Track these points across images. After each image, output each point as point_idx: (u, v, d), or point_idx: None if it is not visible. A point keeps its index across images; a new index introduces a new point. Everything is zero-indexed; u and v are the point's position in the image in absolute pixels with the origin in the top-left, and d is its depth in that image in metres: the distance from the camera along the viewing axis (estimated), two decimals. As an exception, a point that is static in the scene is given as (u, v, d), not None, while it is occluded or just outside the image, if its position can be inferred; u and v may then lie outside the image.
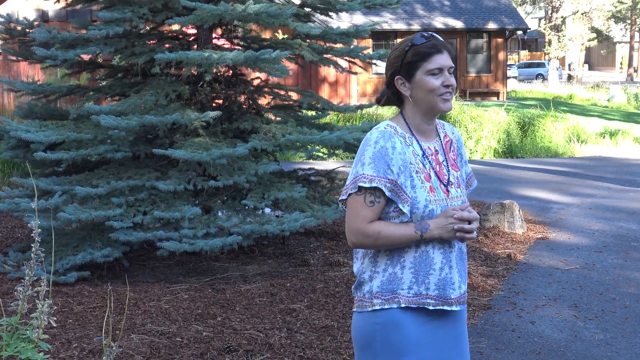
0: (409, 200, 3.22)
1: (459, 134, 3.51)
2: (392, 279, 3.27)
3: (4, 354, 3.19)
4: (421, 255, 3.25)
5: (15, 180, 8.34)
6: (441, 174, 3.31)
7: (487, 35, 38.93)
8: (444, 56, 3.26)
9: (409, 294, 3.25)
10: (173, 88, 8.26)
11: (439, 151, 3.36)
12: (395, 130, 3.29)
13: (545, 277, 8.31)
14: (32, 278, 3.34)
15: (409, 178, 3.23)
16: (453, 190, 3.32)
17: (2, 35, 9.07)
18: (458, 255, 3.32)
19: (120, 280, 7.61)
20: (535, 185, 14.66)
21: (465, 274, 3.37)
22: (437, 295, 3.26)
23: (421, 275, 3.25)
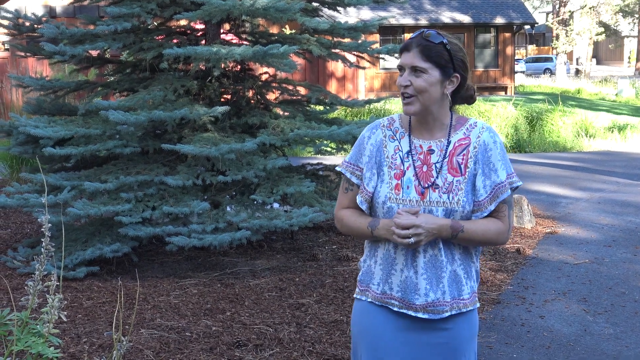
0: (365, 193, 3.23)
1: (490, 140, 3.22)
2: (368, 272, 3.30)
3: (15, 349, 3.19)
4: (386, 254, 3.22)
5: (24, 176, 8.35)
6: (424, 174, 3.18)
7: (494, 30, 38.86)
8: (409, 54, 3.14)
9: (377, 291, 3.25)
10: (181, 83, 8.26)
11: (434, 151, 3.20)
12: (389, 123, 3.29)
13: (555, 272, 8.29)
14: (42, 273, 3.34)
15: (378, 171, 3.22)
16: (435, 195, 3.15)
17: (11, 31, 9.08)
18: (430, 262, 3.15)
19: (129, 276, 7.62)
20: (544, 180, 14.63)
21: (442, 284, 3.16)
22: (400, 298, 3.20)
23: (385, 273, 3.23)
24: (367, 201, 3.24)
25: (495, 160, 3.20)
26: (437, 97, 3.14)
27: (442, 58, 3.11)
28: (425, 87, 3.11)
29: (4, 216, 10.34)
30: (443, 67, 3.12)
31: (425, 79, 3.11)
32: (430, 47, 3.11)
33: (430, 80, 3.11)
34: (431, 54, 3.11)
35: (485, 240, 3.18)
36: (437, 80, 3.12)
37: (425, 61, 3.11)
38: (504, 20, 38.11)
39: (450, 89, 3.18)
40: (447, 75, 3.14)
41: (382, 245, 3.23)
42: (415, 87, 3.11)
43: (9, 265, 7.81)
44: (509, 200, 3.23)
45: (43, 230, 3.36)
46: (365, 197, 3.24)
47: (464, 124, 3.25)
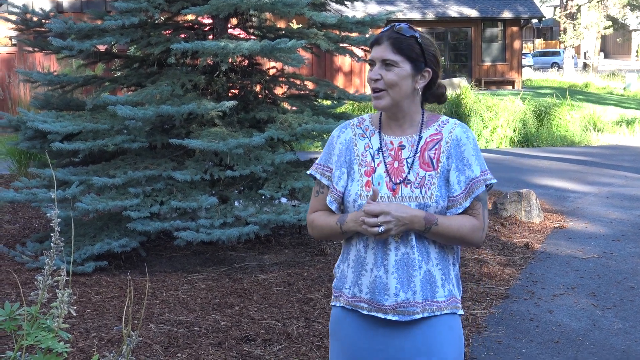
0: (334, 193, 3.15)
1: (463, 135, 3.12)
2: (342, 277, 3.20)
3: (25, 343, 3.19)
4: (357, 255, 3.11)
5: (32, 171, 8.36)
6: (395, 170, 3.08)
7: (502, 24, 38.77)
8: (379, 48, 3.05)
9: (348, 295, 3.14)
10: (189, 78, 8.26)
11: (405, 147, 3.11)
12: (359, 122, 3.22)
13: (563, 266, 8.28)
14: (51, 267, 3.34)
15: (349, 170, 3.15)
16: (407, 190, 3.04)
17: (18, 26, 9.08)
18: (402, 261, 3.02)
19: (137, 270, 7.63)
20: (552, 174, 14.61)
21: (413, 283, 3.02)
22: (369, 299, 3.06)
23: (356, 275, 3.11)
24: (337, 201, 3.16)
25: (469, 155, 3.09)
26: (408, 91, 3.06)
27: (414, 51, 3.03)
28: (396, 80, 3.03)
29: (13, 211, 10.35)
30: (414, 61, 3.04)
31: (396, 72, 3.02)
32: (401, 39, 3.04)
33: (401, 74, 3.03)
34: (402, 47, 3.03)
35: (460, 237, 3.04)
36: (408, 74, 3.04)
37: (396, 54, 3.03)
38: (512, 14, 38.02)
39: (422, 84, 3.09)
40: (419, 69, 3.05)
41: (353, 246, 3.13)
42: (386, 81, 3.03)
43: (18, 260, 7.83)
44: (484, 197, 3.12)
45: (52, 224, 3.36)
46: (334, 196, 3.16)
47: (435, 121, 3.16)
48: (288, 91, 9.51)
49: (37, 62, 19.49)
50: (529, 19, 39.42)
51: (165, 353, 5.62)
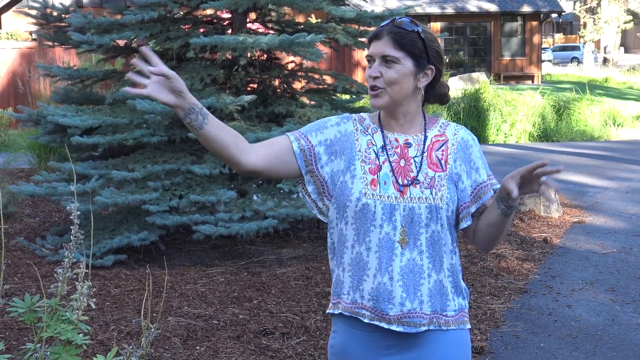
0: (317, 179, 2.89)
1: (469, 137, 2.96)
2: (337, 282, 2.93)
3: (45, 335, 3.22)
4: (356, 257, 2.84)
5: (52, 165, 8.42)
6: (402, 169, 2.85)
7: (521, 19, 38.64)
8: (379, 43, 2.82)
9: (347, 300, 2.87)
10: (208, 72, 8.28)
11: (411, 145, 2.89)
12: (360, 120, 2.97)
13: (582, 261, 8.26)
14: (71, 260, 3.36)
15: (348, 165, 2.87)
16: (416, 191, 2.81)
17: (39, 20, 9.14)
18: (408, 267, 2.78)
19: (156, 264, 7.66)
20: (571, 169, 14.56)
21: (419, 292, 2.79)
22: (372, 307, 2.81)
23: (356, 280, 2.84)
24: (317, 186, 2.90)
25: (475, 158, 2.92)
26: (409, 90, 2.84)
27: (416, 47, 2.81)
28: (397, 78, 2.80)
29: (33, 205, 10.41)
30: (417, 58, 2.81)
31: (397, 69, 2.80)
32: (403, 34, 2.81)
33: (403, 71, 2.80)
34: (404, 42, 2.80)
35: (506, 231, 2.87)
36: (410, 71, 2.81)
37: (397, 50, 2.80)
38: (531, 8, 37.89)
39: (425, 83, 2.86)
40: (421, 66, 2.83)
41: (348, 249, 2.87)
42: (386, 78, 2.80)
43: (38, 253, 7.88)
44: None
45: (72, 218, 3.38)
46: (316, 180, 2.90)
47: (435, 123, 2.96)
48: (307, 85, 9.51)
49: (57, 57, 19.60)
50: (549, 14, 39.28)
51: (184, 346, 5.65)
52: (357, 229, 2.83)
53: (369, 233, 2.81)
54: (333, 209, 2.90)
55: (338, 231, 2.91)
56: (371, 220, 2.80)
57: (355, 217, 2.83)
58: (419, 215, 2.79)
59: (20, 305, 3.31)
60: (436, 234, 2.81)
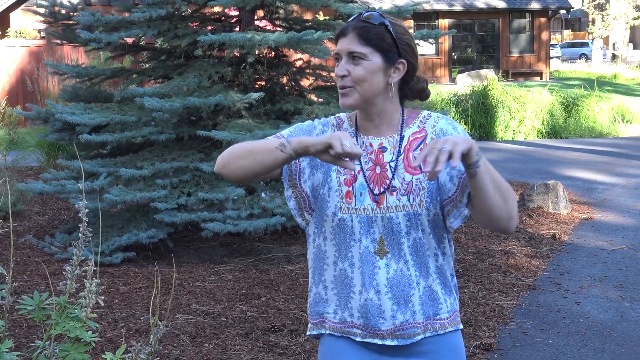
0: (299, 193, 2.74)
1: (449, 127, 2.74)
2: (318, 300, 2.79)
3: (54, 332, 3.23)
4: (340, 274, 2.71)
5: (61, 163, 8.44)
6: (378, 176, 2.68)
7: (529, 15, 38.59)
8: (345, 39, 2.66)
9: (334, 320, 2.74)
10: (216, 70, 8.28)
11: (387, 149, 2.70)
12: (338, 124, 2.80)
13: (591, 258, 8.25)
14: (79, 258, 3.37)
15: (325, 177, 2.72)
16: (392, 199, 2.65)
17: (47, 19, 9.15)
18: (395, 279, 2.64)
19: (165, 261, 7.67)
20: (580, 166, 14.54)
21: (411, 303, 2.66)
22: (362, 325, 2.69)
23: (343, 298, 2.71)
24: (298, 200, 2.76)
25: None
26: (379, 87, 2.66)
27: (384, 41, 2.63)
28: (365, 75, 2.63)
29: (42, 202, 10.44)
30: (385, 52, 2.63)
31: (365, 66, 2.63)
32: (368, 28, 2.63)
33: (371, 68, 2.63)
34: (370, 37, 2.63)
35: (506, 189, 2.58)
36: (379, 67, 2.64)
37: (363, 45, 2.63)
38: (539, 5, 37.82)
39: (396, 78, 2.68)
40: (391, 61, 2.65)
41: (329, 266, 2.74)
42: (354, 76, 2.63)
43: (47, 251, 7.89)
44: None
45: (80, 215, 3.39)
46: (297, 195, 2.76)
47: (416, 117, 2.77)
48: (314, 83, 9.51)
49: (65, 55, 19.63)
50: (557, 10, 39.20)
51: (192, 343, 5.66)
52: (337, 245, 2.71)
53: (350, 248, 2.69)
54: (312, 223, 2.80)
55: (316, 247, 2.79)
56: (350, 235, 2.68)
57: (333, 232, 2.72)
58: (397, 224, 2.65)
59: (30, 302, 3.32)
60: (418, 240, 2.67)
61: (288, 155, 2.53)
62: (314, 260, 2.80)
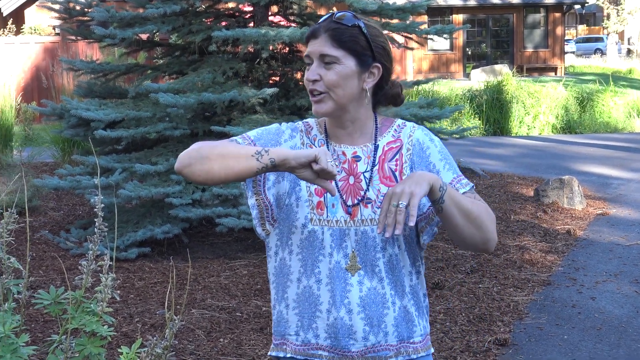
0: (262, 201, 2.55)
1: (426, 138, 2.61)
2: (280, 320, 2.60)
3: (70, 327, 3.24)
4: (304, 292, 2.52)
5: (76, 158, 8.46)
6: (351, 187, 2.53)
7: (544, 10, 38.45)
8: (316, 41, 2.50)
9: (296, 342, 2.55)
10: (230, 65, 8.29)
11: (361, 158, 2.56)
12: (307, 130, 2.63)
13: (606, 253, 8.22)
14: (95, 253, 3.38)
15: (293, 186, 2.54)
16: (367, 211, 2.49)
17: (62, 15, 9.18)
18: (369, 297, 2.48)
19: (179, 256, 7.69)
20: (595, 161, 14.49)
21: (384, 324, 2.51)
22: (330, 346, 2.51)
23: (306, 318, 2.53)
24: (261, 209, 2.56)
25: (435, 160, 2.57)
26: (353, 93, 2.50)
27: (358, 44, 2.49)
28: (338, 80, 2.47)
29: (57, 198, 10.47)
30: (359, 55, 2.49)
31: (337, 70, 2.47)
32: (342, 30, 2.48)
33: (344, 72, 2.47)
34: (343, 39, 2.48)
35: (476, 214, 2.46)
36: (353, 71, 2.49)
37: (336, 48, 2.47)
38: (554, 0, 37.70)
39: (371, 83, 2.54)
40: (366, 65, 2.50)
41: (293, 282, 2.55)
42: (326, 81, 2.48)
43: (62, 247, 7.93)
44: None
45: (96, 210, 3.40)
46: (260, 203, 2.56)
47: (390, 126, 2.64)
48: (329, 78, 9.51)
49: (80, 51, 19.67)
50: (572, 5, 39.04)
51: (207, 338, 5.67)
52: (303, 260, 2.53)
53: (317, 263, 2.50)
54: (274, 235, 2.60)
55: (279, 261, 2.60)
56: (319, 249, 2.50)
57: (301, 245, 2.53)
58: (372, 238, 2.49)
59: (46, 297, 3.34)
60: (394, 257, 2.51)
61: (263, 166, 2.33)
62: (276, 276, 2.61)
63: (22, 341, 3.26)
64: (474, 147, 16.58)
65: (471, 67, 35.60)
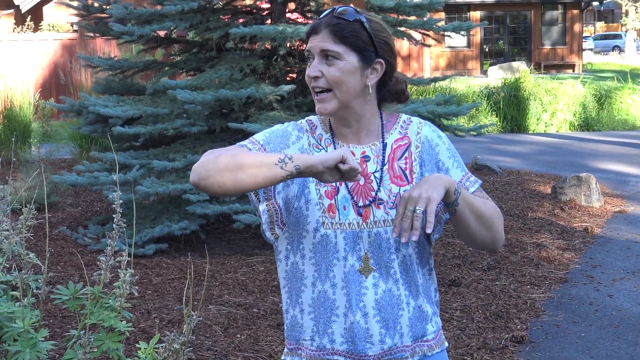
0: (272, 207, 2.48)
1: (434, 135, 2.58)
2: (294, 324, 2.55)
3: (88, 322, 3.26)
4: (319, 297, 2.47)
5: (94, 155, 8.50)
6: (362, 188, 2.47)
7: (562, 7, 38.32)
8: (317, 37, 2.44)
9: (311, 347, 2.50)
10: (247, 62, 8.31)
11: (370, 158, 2.50)
12: (312, 129, 2.56)
13: (623, 251, 8.20)
14: (114, 248, 3.40)
15: (302, 188, 2.47)
16: (380, 212, 2.44)
17: (80, 12, 9.22)
18: (384, 300, 2.45)
19: (197, 253, 7.71)
20: (613, 158, 14.44)
21: (399, 325, 2.48)
22: (346, 351, 2.47)
23: (322, 323, 2.48)
24: (271, 214, 2.50)
25: (444, 158, 2.54)
26: (357, 89, 2.44)
27: (360, 39, 2.42)
28: (340, 77, 2.41)
29: (74, 194, 10.52)
30: (362, 51, 2.42)
31: (340, 67, 2.41)
32: (343, 25, 2.42)
33: (347, 68, 2.42)
34: (345, 34, 2.42)
35: (488, 215, 2.50)
36: (355, 67, 2.43)
37: (338, 43, 2.42)
38: (572, -4, 37.58)
39: (374, 79, 2.47)
40: (368, 61, 2.44)
41: (307, 287, 2.50)
42: (329, 77, 2.42)
43: (80, 242, 7.96)
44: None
45: (114, 206, 3.42)
46: (270, 207, 2.49)
47: (396, 122, 2.59)
48: (346, 75, 9.51)
49: (98, 48, 19.74)
50: (590, 2, 38.92)
51: (224, 334, 5.69)
52: (317, 264, 2.47)
53: (332, 267, 2.45)
54: (283, 239, 2.54)
55: (291, 265, 2.54)
56: (333, 253, 2.45)
57: (314, 249, 2.47)
58: (386, 240, 2.44)
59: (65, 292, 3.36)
60: (408, 257, 2.48)
61: (288, 174, 2.25)
62: (289, 280, 2.55)
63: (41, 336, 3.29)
64: (491, 144, 16.55)
65: (488, 64, 35.51)
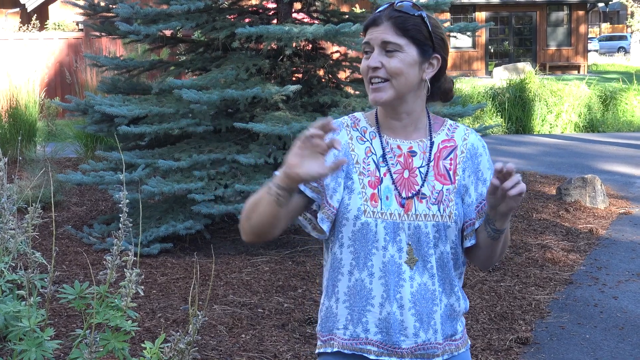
0: (327, 209, 2.49)
1: (480, 144, 2.61)
2: (329, 315, 2.56)
3: (94, 321, 3.27)
4: (356, 285, 2.48)
5: (99, 154, 8.50)
6: (406, 181, 2.50)
7: (567, 8, 38.31)
8: (378, 29, 2.45)
9: (344, 336, 2.51)
10: (253, 62, 8.31)
11: (416, 153, 2.53)
12: (354, 123, 2.58)
13: (629, 252, 8.19)
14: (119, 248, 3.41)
15: (346, 181, 2.49)
16: (422, 206, 2.47)
17: (86, 11, 9.22)
18: (420, 293, 2.46)
19: (202, 252, 7.71)
20: (618, 160, 14.42)
21: (433, 320, 2.50)
22: (380, 341, 2.47)
23: (356, 312, 2.49)
24: (330, 218, 2.50)
25: (484, 169, 2.58)
26: (414, 83, 2.47)
27: (421, 33, 2.45)
28: (401, 68, 2.43)
29: (79, 193, 10.53)
30: (421, 45, 2.45)
31: (401, 58, 2.43)
32: (405, 18, 2.44)
33: (407, 60, 2.44)
34: (407, 27, 2.44)
35: (507, 243, 2.61)
36: (415, 60, 2.45)
37: (399, 36, 2.43)
38: (578, -3, 37.56)
39: (430, 74, 2.50)
40: (427, 55, 2.47)
41: (344, 275, 2.51)
42: (389, 68, 2.43)
43: (85, 242, 7.97)
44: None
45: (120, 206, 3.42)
46: (327, 213, 2.49)
47: (442, 124, 2.61)
48: (351, 75, 9.50)
49: (103, 47, 19.75)
50: (595, 3, 38.87)
51: (229, 334, 5.69)
52: (355, 252, 2.49)
53: (370, 256, 2.47)
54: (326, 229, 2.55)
55: (331, 255, 2.56)
56: (372, 242, 2.46)
57: (353, 238, 2.49)
58: (426, 234, 2.47)
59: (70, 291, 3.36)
60: (445, 254, 2.51)
61: (276, 196, 2.32)
62: (329, 271, 2.58)
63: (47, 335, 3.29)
64: (496, 145, 16.54)
65: (493, 65, 35.48)
